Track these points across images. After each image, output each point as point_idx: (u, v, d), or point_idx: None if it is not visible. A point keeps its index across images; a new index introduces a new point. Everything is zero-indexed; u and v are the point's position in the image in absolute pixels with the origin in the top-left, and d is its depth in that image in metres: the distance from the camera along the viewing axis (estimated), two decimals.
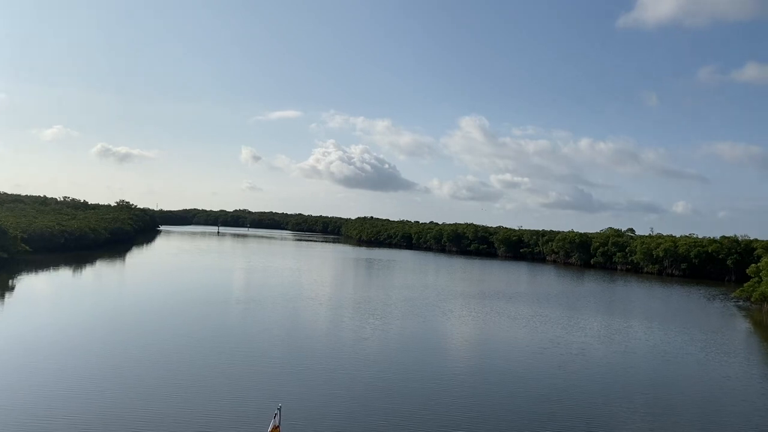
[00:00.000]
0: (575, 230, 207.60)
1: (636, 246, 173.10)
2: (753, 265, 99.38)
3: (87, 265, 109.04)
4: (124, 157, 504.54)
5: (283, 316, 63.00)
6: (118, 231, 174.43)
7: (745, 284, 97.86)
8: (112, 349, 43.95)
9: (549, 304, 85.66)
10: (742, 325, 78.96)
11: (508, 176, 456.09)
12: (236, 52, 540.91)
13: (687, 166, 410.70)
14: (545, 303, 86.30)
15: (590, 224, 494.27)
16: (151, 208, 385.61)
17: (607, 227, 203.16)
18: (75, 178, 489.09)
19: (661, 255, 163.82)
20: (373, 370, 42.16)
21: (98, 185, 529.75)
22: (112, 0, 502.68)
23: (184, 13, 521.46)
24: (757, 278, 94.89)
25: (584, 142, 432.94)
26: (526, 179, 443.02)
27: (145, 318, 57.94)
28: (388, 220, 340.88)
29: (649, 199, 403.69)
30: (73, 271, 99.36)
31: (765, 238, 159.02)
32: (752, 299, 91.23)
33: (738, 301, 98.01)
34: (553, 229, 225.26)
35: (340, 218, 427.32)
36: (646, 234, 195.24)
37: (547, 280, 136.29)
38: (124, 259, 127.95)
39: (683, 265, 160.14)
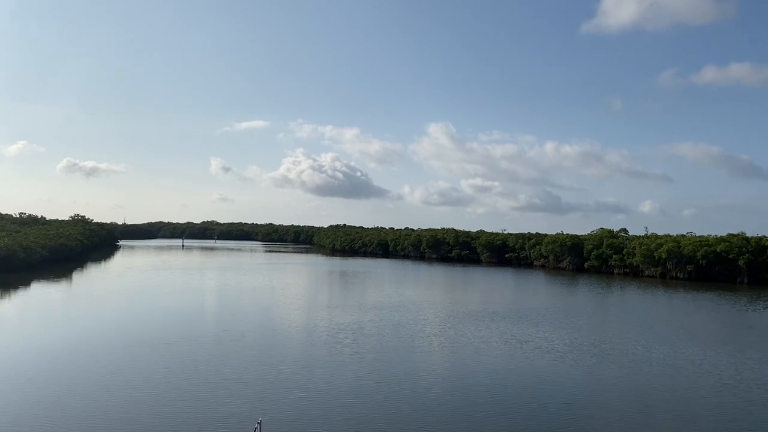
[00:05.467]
0: (547, 232, 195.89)
1: (635, 247, 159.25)
2: None
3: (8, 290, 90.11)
4: (91, 172, 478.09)
5: (261, 337, 54.89)
6: (60, 248, 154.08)
7: None
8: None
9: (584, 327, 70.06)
10: None
11: (478, 181, 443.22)
12: (201, 64, 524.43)
13: (651, 167, 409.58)
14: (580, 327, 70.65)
15: (561, 226, 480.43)
16: (116, 222, 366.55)
17: (575, 228, 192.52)
18: (40, 195, 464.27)
19: (663, 257, 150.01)
20: (353, 387, 40.84)
21: (65, 201, 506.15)
22: (74, 16, 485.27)
23: (148, 26, 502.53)
24: None
25: (550, 146, 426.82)
26: (496, 183, 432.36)
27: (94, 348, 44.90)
28: (362, 227, 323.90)
29: (616, 199, 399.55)
30: None
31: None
32: None
33: None
34: (525, 231, 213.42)
35: (312, 227, 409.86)
36: (641, 234, 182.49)
37: (555, 290, 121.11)
38: (58, 282, 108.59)
39: (689, 267, 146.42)
